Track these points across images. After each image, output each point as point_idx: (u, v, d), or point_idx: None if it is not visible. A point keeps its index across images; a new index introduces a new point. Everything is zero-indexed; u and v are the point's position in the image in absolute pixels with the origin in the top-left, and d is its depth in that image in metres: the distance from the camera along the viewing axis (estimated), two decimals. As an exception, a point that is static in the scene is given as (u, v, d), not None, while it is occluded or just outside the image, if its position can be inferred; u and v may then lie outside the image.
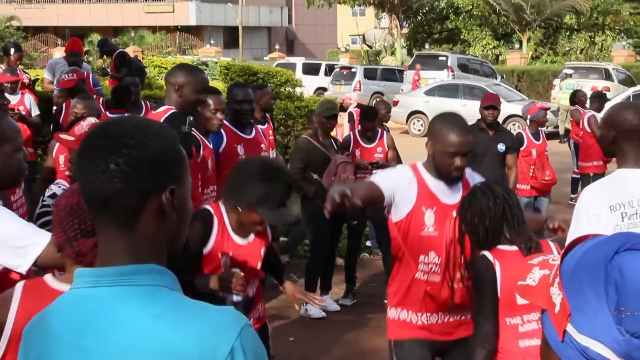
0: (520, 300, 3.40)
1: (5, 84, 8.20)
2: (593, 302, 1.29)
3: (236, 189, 3.73)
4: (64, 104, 8.39)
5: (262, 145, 6.16)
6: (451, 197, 3.89)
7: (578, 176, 11.68)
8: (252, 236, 3.87)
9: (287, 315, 7.12)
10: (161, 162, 1.55)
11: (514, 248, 3.52)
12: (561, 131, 21.40)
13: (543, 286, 1.40)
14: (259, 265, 3.91)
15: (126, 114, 6.89)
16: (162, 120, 4.75)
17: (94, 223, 1.60)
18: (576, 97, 12.71)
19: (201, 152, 5.13)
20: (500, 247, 3.53)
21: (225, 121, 5.65)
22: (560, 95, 23.85)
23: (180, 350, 1.44)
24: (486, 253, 3.53)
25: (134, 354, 1.45)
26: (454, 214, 3.75)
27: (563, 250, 1.41)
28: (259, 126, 6.64)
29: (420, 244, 3.86)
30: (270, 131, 8.00)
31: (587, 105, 12.20)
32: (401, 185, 3.82)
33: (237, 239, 3.82)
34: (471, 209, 3.58)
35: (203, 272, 3.74)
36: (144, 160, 1.53)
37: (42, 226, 4.02)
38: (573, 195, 11.89)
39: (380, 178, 3.86)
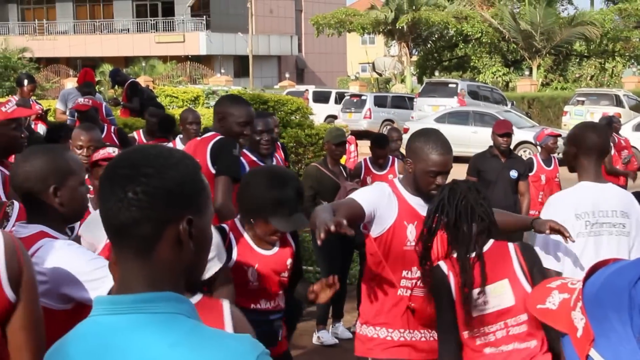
0: (475, 312, 3.43)
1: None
2: (617, 327, 1.29)
3: (247, 201, 3.75)
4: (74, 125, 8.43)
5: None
6: None
7: None
8: (276, 247, 3.87)
9: (301, 344, 7.09)
10: (180, 192, 1.56)
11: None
12: None
13: (563, 310, 1.39)
14: (286, 275, 3.89)
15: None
16: (211, 143, 4.82)
17: (113, 250, 1.61)
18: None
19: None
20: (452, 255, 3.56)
21: (245, 150, 5.64)
22: (570, 121, 23.95)
23: None
24: (440, 263, 3.55)
25: None
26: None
27: (585, 275, 1.40)
28: None
29: (402, 258, 3.77)
30: (281, 159, 8.00)
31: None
32: (382, 201, 3.77)
33: (261, 251, 3.83)
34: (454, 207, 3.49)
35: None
36: (161, 190, 1.54)
37: None
38: None
39: (360, 195, 3.77)
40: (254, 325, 2.07)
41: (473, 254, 3.46)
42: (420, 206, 3.80)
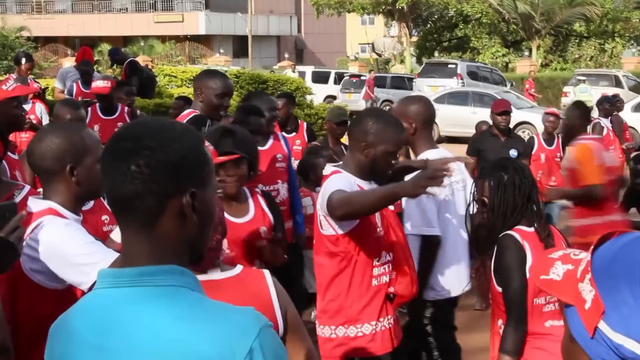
0: None
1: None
2: (629, 300, 1.28)
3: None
4: (89, 110, 8.33)
5: (278, 156, 5.92)
6: None
7: None
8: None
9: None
10: (182, 165, 1.55)
11: (531, 229, 3.46)
12: None
13: (569, 281, 1.38)
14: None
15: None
16: (184, 121, 4.81)
17: (118, 223, 1.61)
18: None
19: None
20: (520, 227, 3.46)
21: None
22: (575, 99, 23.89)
23: (199, 351, 1.44)
24: (511, 232, 3.44)
25: (152, 354, 1.46)
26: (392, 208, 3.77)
27: (592, 246, 1.39)
28: (285, 134, 6.64)
29: (375, 246, 3.66)
30: (299, 140, 7.94)
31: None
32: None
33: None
34: (499, 181, 3.45)
35: None
36: (164, 163, 1.53)
37: None
38: None
39: (339, 187, 3.53)
40: None
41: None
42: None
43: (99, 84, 8.18)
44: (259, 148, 5.87)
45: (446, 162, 3.38)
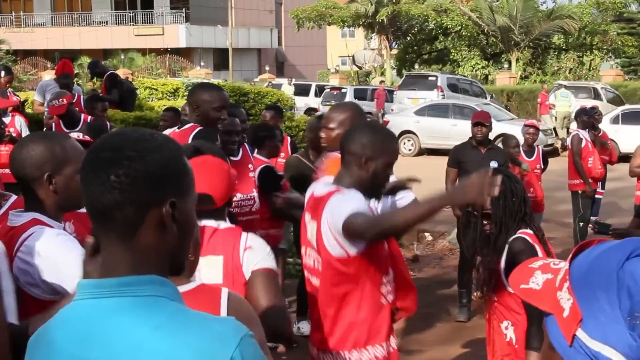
0: None
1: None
2: (606, 308, 1.30)
3: None
4: (53, 125, 8.40)
5: (250, 165, 6.12)
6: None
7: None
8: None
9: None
10: (162, 175, 1.56)
11: (530, 231, 3.62)
12: (559, 142, 21.68)
13: (548, 290, 1.40)
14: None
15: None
16: (191, 135, 4.76)
17: (96, 234, 1.61)
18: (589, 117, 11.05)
19: None
20: (524, 230, 3.64)
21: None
22: (557, 103, 24.76)
23: None
24: (521, 235, 3.60)
25: None
26: None
27: (570, 255, 1.41)
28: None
29: (383, 263, 3.56)
30: (283, 153, 7.90)
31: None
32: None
33: None
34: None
35: None
36: (144, 173, 1.54)
37: None
38: (593, 218, 10.51)
39: (357, 207, 3.34)
40: None
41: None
42: (375, 206, 3.62)
43: (54, 103, 8.31)
44: (232, 158, 5.90)
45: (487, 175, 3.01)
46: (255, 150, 6.82)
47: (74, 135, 4.41)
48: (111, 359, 1.47)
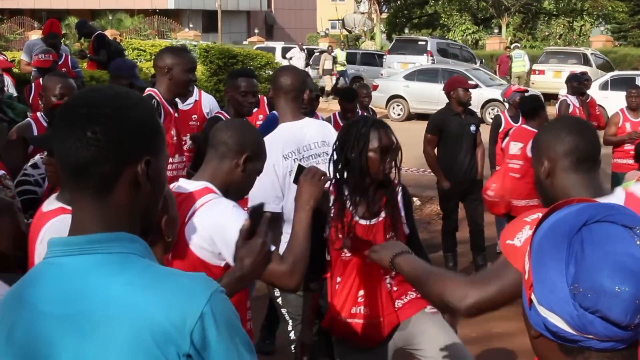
0: None
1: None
2: (552, 275, 1.28)
3: None
4: (33, 84, 8.31)
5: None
6: None
7: None
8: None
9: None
10: (139, 133, 1.56)
11: None
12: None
13: (524, 249, 1.38)
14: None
15: None
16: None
17: (69, 191, 1.60)
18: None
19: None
20: None
21: (223, 111, 5.74)
22: (512, 64, 26.16)
23: (150, 317, 1.45)
24: None
25: (104, 321, 1.46)
26: None
27: (542, 215, 1.38)
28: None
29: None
30: (261, 115, 7.90)
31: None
32: None
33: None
34: None
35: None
36: (121, 130, 1.54)
37: (20, 194, 4.07)
38: None
39: None
40: None
41: None
42: None
43: (40, 57, 8.19)
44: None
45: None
46: None
47: None
48: (82, 316, 1.47)
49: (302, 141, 4.42)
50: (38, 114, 5.38)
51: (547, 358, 1.36)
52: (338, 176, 3.61)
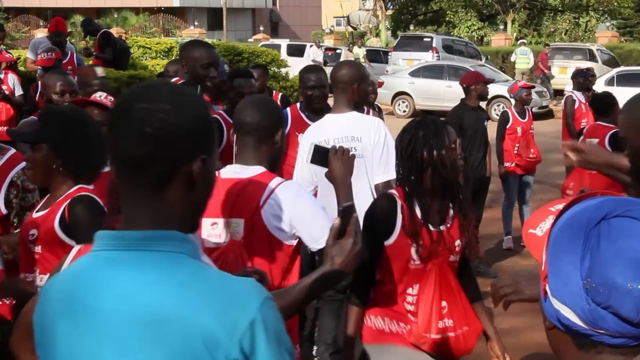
0: None
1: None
2: (566, 268, 1.27)
3: None
4: (39, 82, 8.32)
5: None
6: None
7: None
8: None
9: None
10: (196, 130, 1.54)
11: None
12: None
13: (545, 239, 1.35)
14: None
15: None
16: None
17: (121, 186, 1.57)
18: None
19: None
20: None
21: (298, 105, 5.68)
22: (516, 60, 26.02)
23: (201, 321, 1.42)
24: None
25: (155, 322, 1.43)
26: None
27: (562, 208, 1.36)
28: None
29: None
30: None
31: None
32: None
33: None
34: None
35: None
36: (180, 127, 1.51)
37: None
38: None
39: None
40: None
41: None
42: None
43: (43, 55, 8.21)
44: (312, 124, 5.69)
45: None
46: None
47: (97, 96, 4.38)
48: (130, 313, 1.45)
49: (332, 133, 4.53)
50: None
51: (561, 351, 1.35)
52: (409, 180, 3.37)
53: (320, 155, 3.04)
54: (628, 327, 1.24)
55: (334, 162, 3.00)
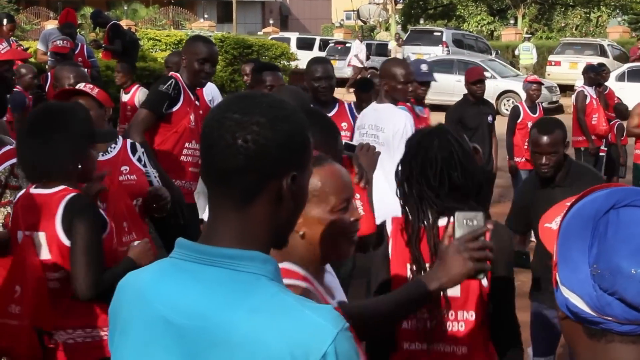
0: None
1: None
2: (575, 256, 1.29)
3: None
4: (49, 73, 8.34)
5: (343, 124, 5.68)
6: None
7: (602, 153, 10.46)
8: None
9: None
10: (289, 146, 1.49)
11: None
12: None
13: (557, 232, 1.38)
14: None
15: None
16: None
17: (210, 197, 1.53)
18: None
19: (175, 108, 5.16)
20: None
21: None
22: (520, 56, 26.51)
23: (272, 349, 1.38)
24: None
25: (224, 344, 1.40)
26: None
27: (574, 200, 1.38)
28: None
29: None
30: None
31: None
32: None
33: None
34: None
35: None
36: (272, 142, 1.47)
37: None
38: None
39: None
40: None
41: None
42: None
43: (58, 43, 8.26)
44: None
45: None
46: None
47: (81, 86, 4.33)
48: (202, 333, 1.42)
49: (368, 121, 5.31)
50: None
51: (573, 341, 1.37)
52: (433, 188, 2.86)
53: (349, 150, 3.33)
54: (635, 314, 1.25)
55: (361, 156, 3.27)
